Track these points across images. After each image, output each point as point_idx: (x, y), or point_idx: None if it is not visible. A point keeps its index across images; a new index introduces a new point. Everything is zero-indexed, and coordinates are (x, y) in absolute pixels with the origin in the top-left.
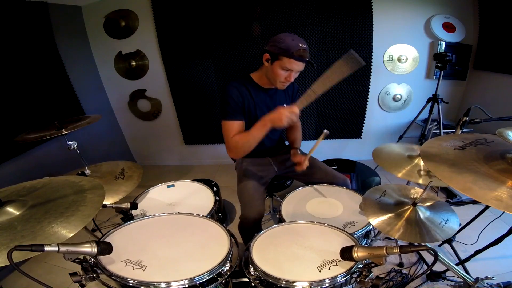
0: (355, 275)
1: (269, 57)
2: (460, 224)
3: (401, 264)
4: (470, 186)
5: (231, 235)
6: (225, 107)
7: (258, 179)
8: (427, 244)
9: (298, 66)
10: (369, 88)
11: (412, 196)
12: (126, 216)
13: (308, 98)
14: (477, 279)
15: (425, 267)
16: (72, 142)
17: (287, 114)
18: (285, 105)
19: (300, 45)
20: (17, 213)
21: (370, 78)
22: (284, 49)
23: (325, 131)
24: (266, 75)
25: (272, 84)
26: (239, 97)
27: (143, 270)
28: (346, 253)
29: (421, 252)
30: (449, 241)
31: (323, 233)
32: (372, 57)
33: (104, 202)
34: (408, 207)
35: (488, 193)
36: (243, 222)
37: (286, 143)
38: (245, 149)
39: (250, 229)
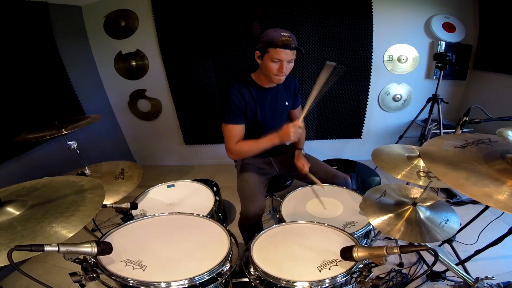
0: (355, 275)
1: (259, 54)
2: (460, 224)
3: (401, 264)
4: (462, 182)
5: (231, 235)
6: (226, 111)
7: (258, 175)
8: (427, 244)
9: (285, 55)
10: (369, 88)
11: (412, 196)
12: (126, 216)
13: (306, 108)
14: (477, 279)
15: (425, 267)
16: (72, 142)
17: (292, 129)
18: (286, 103)
19: (282, 34)
20: (17, 213)
21: (370, 78)
22: (268, 41)
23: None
24: (262, 73)
25: (270, 81)
26: (241, 100)
27: (143, 270)
28: (346, 253)
29: (421, 252)
30: (449, 241)
31: (323, 233)
32: (372, 57)
33: (104, 202)
34: (408, 207)
35: (478, 189)
36: (244, 218)
37: (287, 143)
38: (247, 155)
39: (251, 226)
